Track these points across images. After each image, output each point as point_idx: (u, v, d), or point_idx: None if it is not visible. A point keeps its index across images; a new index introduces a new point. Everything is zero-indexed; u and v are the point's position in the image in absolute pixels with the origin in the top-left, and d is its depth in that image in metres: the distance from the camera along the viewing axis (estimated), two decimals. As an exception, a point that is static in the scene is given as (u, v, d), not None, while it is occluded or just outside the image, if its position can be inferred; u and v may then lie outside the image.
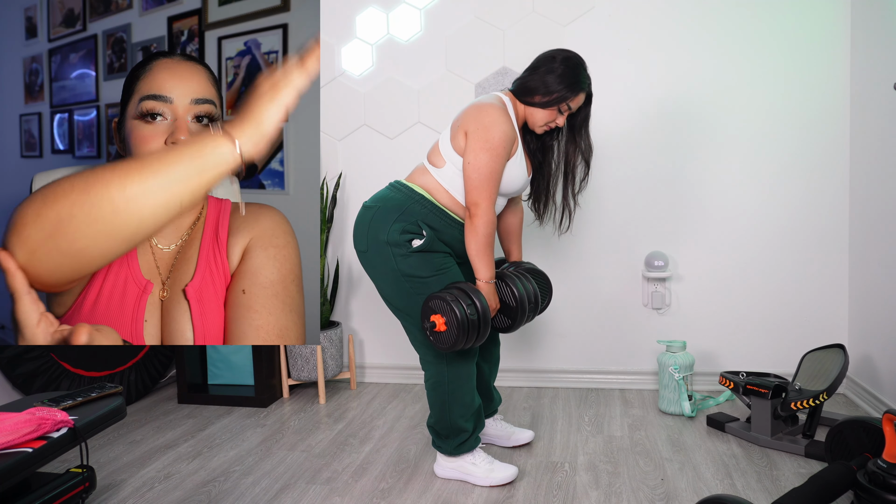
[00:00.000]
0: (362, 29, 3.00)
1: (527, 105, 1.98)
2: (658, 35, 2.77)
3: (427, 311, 1.87)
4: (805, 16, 2.67)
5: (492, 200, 1.89)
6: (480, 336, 1.86)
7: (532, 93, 1.95)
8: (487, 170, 1.86)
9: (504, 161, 1.90)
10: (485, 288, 1.92)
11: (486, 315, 1.85)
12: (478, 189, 1.87)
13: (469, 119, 1.91)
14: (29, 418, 1.65)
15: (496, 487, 2.01)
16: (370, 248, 1.95)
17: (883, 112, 2.38)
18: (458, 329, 1.80)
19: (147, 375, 3.01)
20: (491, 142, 1.86)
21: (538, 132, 2.03)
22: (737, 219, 2.79)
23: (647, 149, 2.82)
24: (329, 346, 2.92)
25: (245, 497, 2.01)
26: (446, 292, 1.85)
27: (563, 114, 1.97)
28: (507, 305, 2.00)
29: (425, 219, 1.93)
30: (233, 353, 3.02)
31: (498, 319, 2.04)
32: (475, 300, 1.84)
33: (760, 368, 2.80)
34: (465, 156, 1.89)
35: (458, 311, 1.80)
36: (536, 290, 2.03)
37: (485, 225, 1.88)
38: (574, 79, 1.93)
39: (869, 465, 1.68)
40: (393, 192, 1.98)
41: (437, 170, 1.97)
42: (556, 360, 2.98)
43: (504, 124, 1.89)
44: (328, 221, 2.97)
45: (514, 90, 2.00)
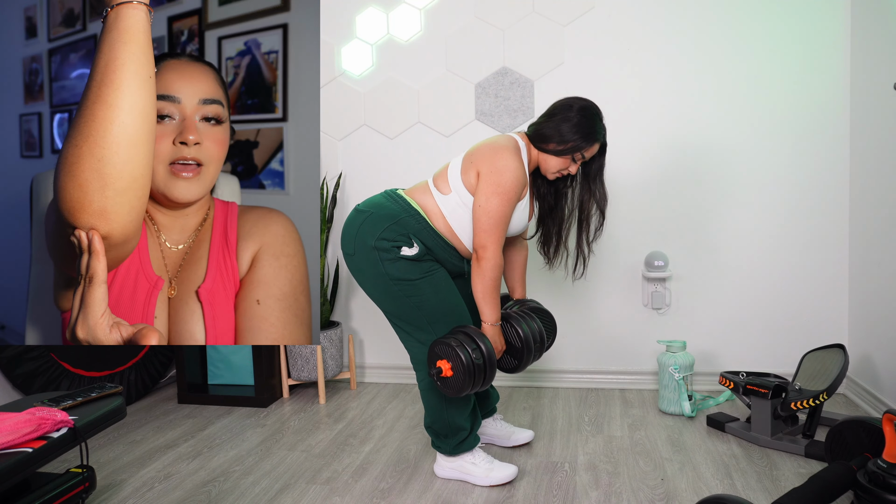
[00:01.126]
0: (362, 29, 3.00)
1: (540, 151, 1.99)
2: (658, 35, 2.77)
3: (433, 357, 1.88)
4: (805, 16, 2.67)
5: (499, 244, 1.90)
6: (487, 379, 1.87)
7: (547, 140, 1.96)
8: (498, 214, 1.87)
9: (514, 205, 1.92)
10: (490, 331, 1.94)
11: (491, 358, 1.85)
12: (486, 232, 1.88)
13: (483, 160, 1.91)
14: (29, 418, 1.65)
15: (496, 487, 2.01)
16: (357, 251, 1.95)
17: (883, 112, 2.38)
18: (464, 374, 1.81)
19: (147, 375, 3.01)
20: (503, 186, 1.87)
21: (550, 178, 2.04)
22: (737, 219, 2.79)
23: (647, 149, 2.82)
24: (329, 346, 2.92)
25: (245, 497, 2.01)
26: (451, 338, 1.86)
27: (577, 162, 1.99)
28: (513, 346, 2.00)
29: (418, 234, 1.93)
30: (233, 353, 3.02)
31: (504, 360, 2.05)
32: (480, 344, 1.84)
33: (760, 368, 2.80)
34: (476, 197, 1.90)
35: (463, 357, 1.81)
36: (542, 329, 2.03)
37: (492, 269, 1.89)
38: (590, 129, 1.94)
39: (869, 465, 1.68)
40: (388, 202, 1.97)
41: (441, 196, 1.97)
42: (556, 360, 2.98)
43: (517, 170, 1.89)
44: (328, 221, 2.97)
45: (529, 135, 2.01)
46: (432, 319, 1.94)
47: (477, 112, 2.94)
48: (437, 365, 1.85)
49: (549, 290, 2.94)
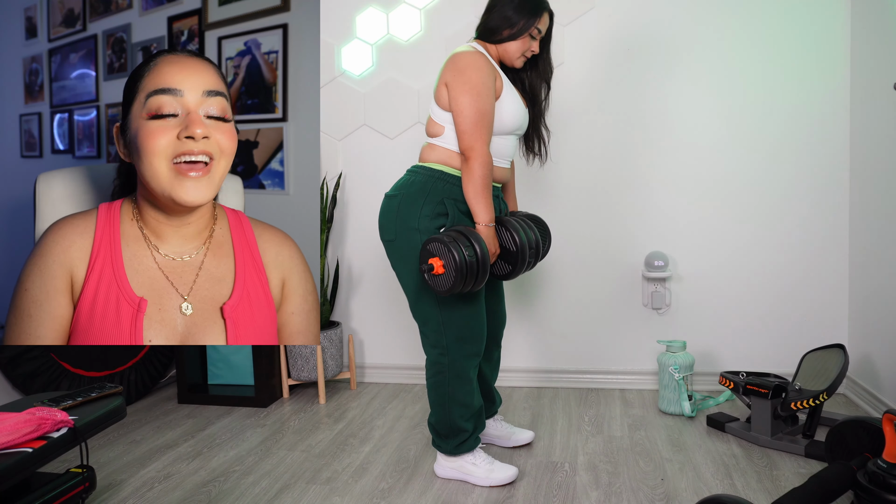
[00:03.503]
0: (362, 29, 3.00)
1: (497, 44, 1.98)
2: (658, 35, 2.77)
3: (425, 254, 1.84)
4: (805, 16, 2.67)
5: (485, 141, 1.87)
6: (479, 280, 1.84)
7: (497, 30, 1.96)
8: (473, 111, 1.85)
9: (490, 100, 1.89)
10: (484, 231, 1.89)
11: (485, 259, 1.82)
12: (467, 133, 1.86)
13: (445, 71, 1.92)
14: (29, 418, 1.65)
15: (496, 488, 2.01)
16: (398, 236, 1.95)
17: (883, 112, 2.38)
18: (456, 272, 1.77)
19: (147, 375, 3.01)
20: (470, 82, 1.86)
21: (518, 65, 2.02)
22: (737, 218, 2.79)
23: (647, 148, 2.82)
24: (329, 346, 2.92)
25: (245, 497, 2.01)
26: (445, 235, 1.83)
27: (536, 38, 1.98)
28: (508, 251, 1.96)
29: (450, 194, 1.93)
30: (233, 353, 3.02)
31: (498, 266, 2.01)
32: (474, 243, 1.81)
33: (760, 368, 2.80)
34: (451, 106, 1.89)
35: (456, 254, 1.77)
36: (538, 235, 2.01)
37: (480, 166, 1.86)
38: (533, 3, 1.94)
39: (869, 465, 1.68)
40: (412, 177, 1.98)
41: (438, 139, 1.97)
42: (556, 360, 2.98)
43: (478, 62, 1.88)
44: (328, 221, 2.97)
45: (479, 36, 2.01)
46: (448, 321, 1.95)
47: (477, 112, 2.93)
48: (428, 262, 1.81)
49: (550, 290, 2.94)
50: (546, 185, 2.90)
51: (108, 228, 1.50)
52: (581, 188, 2.88)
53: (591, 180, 2.87)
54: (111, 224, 1.51)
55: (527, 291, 2.96)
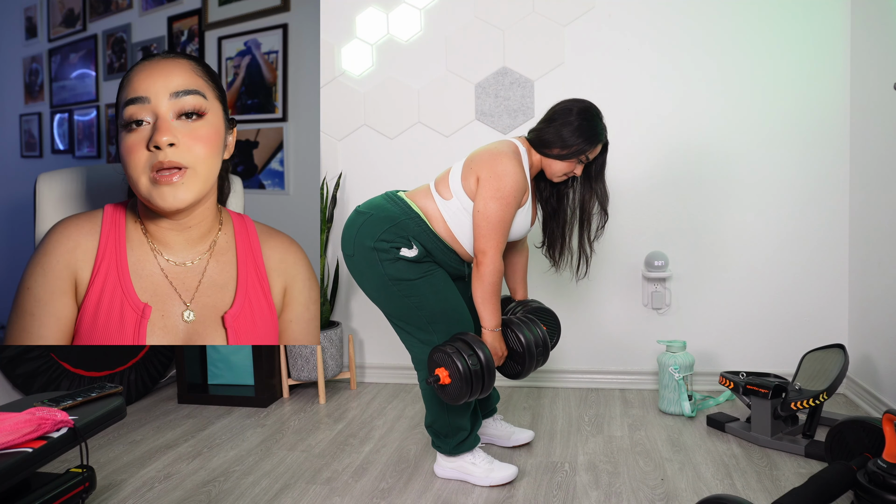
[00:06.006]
0: (362, 29, 3.00)
1: (544, 156, 1.99)
2: (658, 35, 2.77)
3: (431, 365, 1.88)
4: (805, 16, 2.67)
5: (499, 249, 1.89)
6: (486, 387, 1.86)
7: (549, 145, 1.96)
8: (497, 218, 1.87)
9: (514, 210, 1.91)
10: (489, 336, 1.92)
11: (489, 366, 1.84)
12: (486, 237, 1.88)
13: (483, 165, 1.91)
14: (29, 418, 1.65)
15: (496, 487, 2.01)
16: (356, 252, 1.95)
17: (883, 112, 2.38)
18: (461, 381, 1.80)
19: (147, 375, 3.01)
20: (502, 191, 1.87)
21: (556, 181, 2.04)
22: (737, 218, 2.79)
23: (647, 149, 2.82)
24: (329, 346, 2.92)
25: (245, 497, 2.01)
26: (449, 345, 1.85)
27: (581, 164, 1.99)
28: (516, 352, 1.99)
29: (418, 237, 1.93)
30: (233, 353, 3.02)
31: (507, 366, 2.03)
32: (477, 351, 1.83)
33: (760, 368, 2.80)
34: (476, 202, 1.90)
35: (460, 364, 1.80)
36: (545, 334, 2.00)
37: (491, 273, 1.88)
38: (591, 131, 1.94)
39: (869, 465, 1.68)
40: (389, 203, 1.97)
41: (442, 200, 1.97)
42: (556, 360, 2.98)
43: (517, 174, 1.89)
44: (328, 221, 2.97)
45: (530, 140, 2.01)
46: (432, 319, 1.94)
47: (477, 112, 2.93)
48: (435, 373, 1.85)
49: (549, 290, 2.93)
50: (546, 185, 2.90)
51: (114, 231, 1.50)
52: (581, 188, 2.88)
53: (591, 180, 2.87)
54: (117, 227, 1.51)
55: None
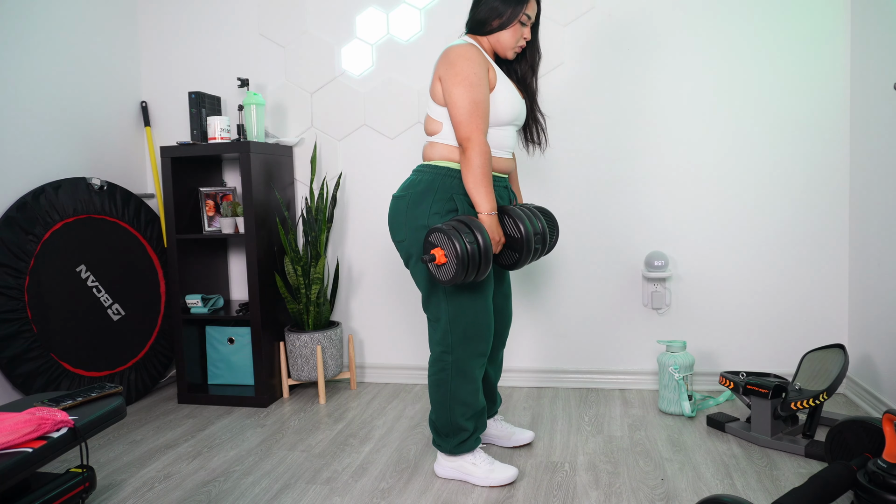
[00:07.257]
0: (362, 29, 3.00)
1: (489, 35, 1.98)
2: (657, 34, 2.77)
3: (427, 245, 1.85)
4: (805, 16, 2.67)
5: (481, 131, 1.87)
6: (482, 271, 1.83)
7: (486, 22, 1.96)
8: (467, 101, 1.85)
9: (483, 90, 1.88)
10: (486, 220, 1.88)
11: (486, 248, 1.81)
12: (463, 123, 1.86)
13: (438, 66, 1.93)
14: (29, 418, 1.65)
15: (496, 488, 2.01)
16: (408, 236, 1.95)
17: (883, 112, 2.38)
18: (457, 262, 1.77)
19: (147, 375, 3.01)
20: (461, 73, 1.86)
21: (510, 56, 2.02)
22: (737, 218, 2.79)
23: (647, 148, 2.82)
24: (329, 346, 2.92)
25: (245, 497, 2.01)
26: (446, 225, 1.82)
27: (526, 25, 1.98)
28: (513, 239, 1.95)
29: (458, 189, 1.93)
30: (233, 353, 3.02)
31: (505, 255, 1.99)
32: (475, 232, 1.80)
33: (760, 368, 2.80)
34: (445, 99, 1.90)
35: (457, 244, 1.76)
36: (544, 225, 1.98)
37: (478, 155, 1.85)
38: None
39: (869, 465, 1.68)
40: (418, 176, 1.98)
41: (438, 136, 1.97)
42: (556, 360, 2.98)
43: (468, 54, 1.88)
44: (328, 221, 2.97)
45: (470, 30, 2.01)
46: (455, 318, 1.95)
47: (477, 112, 2.93)
48: (430, 252, 1.81)
49: (549, 290, 2.94)
50: (546, 186, 2.90)
51: None
52: (581, 188, 2.88)
53: (591, 180, 2.87)
54: None
55: (527, 291, 2.96)
